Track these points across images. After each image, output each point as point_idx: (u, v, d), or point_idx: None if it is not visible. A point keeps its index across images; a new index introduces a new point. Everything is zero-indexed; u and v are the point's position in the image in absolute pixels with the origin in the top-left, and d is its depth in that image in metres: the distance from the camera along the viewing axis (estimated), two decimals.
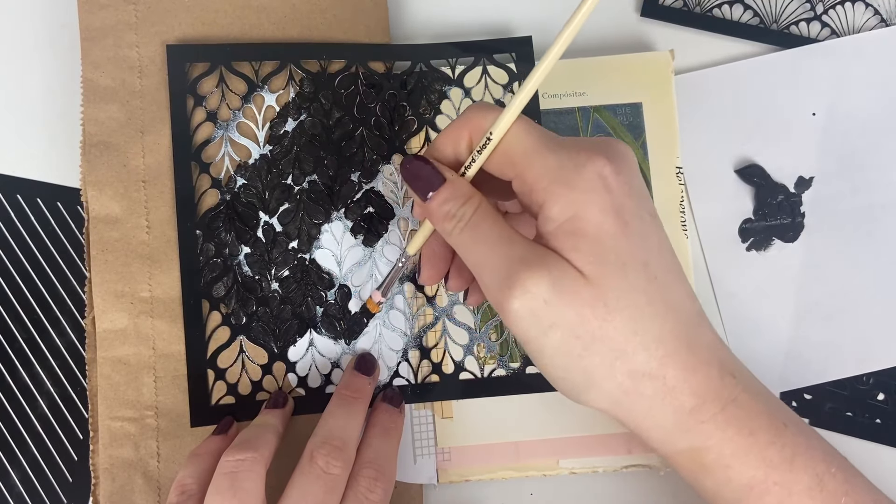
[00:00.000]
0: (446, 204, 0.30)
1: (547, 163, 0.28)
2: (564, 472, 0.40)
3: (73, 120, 0.40)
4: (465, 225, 0.30)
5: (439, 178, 0.31)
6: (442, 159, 0.32)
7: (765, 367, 0.42)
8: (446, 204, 0.30)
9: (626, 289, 0.28)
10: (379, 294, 0.38)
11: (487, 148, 0.30)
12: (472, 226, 0.30)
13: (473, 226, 0.30)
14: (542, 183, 0.28)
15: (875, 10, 0.45)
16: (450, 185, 0.30)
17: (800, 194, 0.43)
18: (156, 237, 0.38)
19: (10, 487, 0.40)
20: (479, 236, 0.30)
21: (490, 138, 0.30)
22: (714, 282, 0.43)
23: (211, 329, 0.38)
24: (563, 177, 0.28)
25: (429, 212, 0.31)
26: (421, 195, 0.31)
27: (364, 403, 0.36)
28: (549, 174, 0.28)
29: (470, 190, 0.31)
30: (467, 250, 0.30)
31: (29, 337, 0.41)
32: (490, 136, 0.30)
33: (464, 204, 0.30)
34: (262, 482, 0.32)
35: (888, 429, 0.41)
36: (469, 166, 0.31)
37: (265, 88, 0.40)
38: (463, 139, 0.31)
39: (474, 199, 0.30)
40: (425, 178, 0.31)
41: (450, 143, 0.31)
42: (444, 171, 0.31)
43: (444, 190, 0.30)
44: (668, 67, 0.42)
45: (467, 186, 0.31)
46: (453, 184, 0.31)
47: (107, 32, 0.39)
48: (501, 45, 0.42)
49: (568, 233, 0.28)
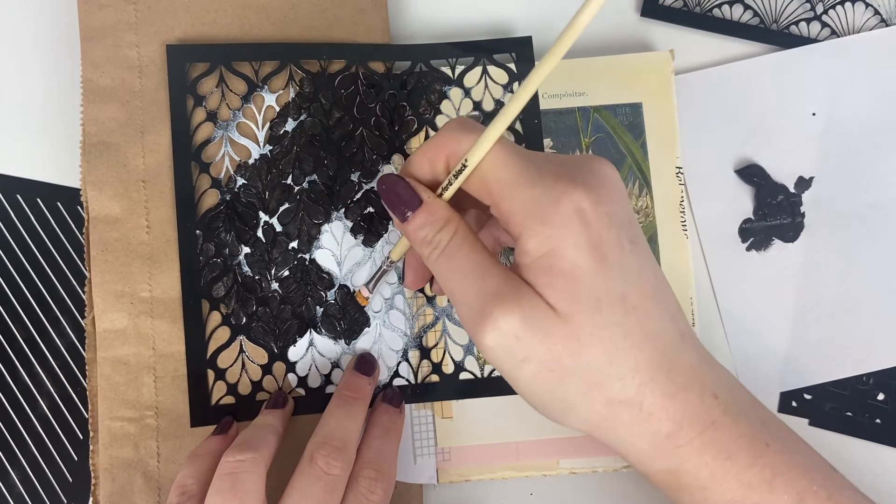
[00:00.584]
0: (423, 229, 0.30)
1: (523, 196, 0.28)
2: (564, 472, 0.40)
3: (73, 120, 0.40)
4: (440, 253, 0.30)
5: (416, 200, 0.30)
6: (419, 177, 0.31)
7: (765, 367, 0.42)
8: (423, 229, 0.30)
9: (600, 325, 0.27)
10: (366, 290, 0.38)
11: (463, 174, 0.29)
12: (447, 254, 0.29)
13: (449, 254, 0.29)
14: (518, 217, 0.28)
15: (875, 10, 0.45)
16: (426, 209, 0.30)
17: (800, 194, 0.43)
18: (156, 237, 0.38)
19: (10, 487, 0.40)
20: (455, 265, 0.29)
21: (465, 165, 0.29)
22: (714, 282, 0.43)
23: (211, 329, 0.38)
24: (539, 212, 0.27)
25: (406, 233, 0.31)
26: (398, 215, 0.31)
27: (364, 403, 0.36)
28: (525, 208, 0.28)
29: (447, 213, 0.30)
30: (443, 278, 0.30)
31: (29, 337, 0.41)
32: (465, 163, 0.29)
33: (440, 230, 0.30)
34: (262, 482, 0.32)
35: (888, 429, 0.41)
36: (446, 188, 0.30)
37: (265, 88, 0.40)
38: (439, 160, 0.30)
39: (451, 224, 0.30)
40: (402, 197, 0.30)
41: (426, 162, 0.31)
42: (422, 193, 0.30)
43: (420, 214, 0.30)
44: (668, 67, 0.42)
45: (445, 209, 0.30)
46: (430, 207, 0.30)
47: (107, 32, 0.39)
48: (501, 45, 0.42)
49: (543, 269, 0.28)
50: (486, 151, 0.29)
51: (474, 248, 0.29)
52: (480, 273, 0.29)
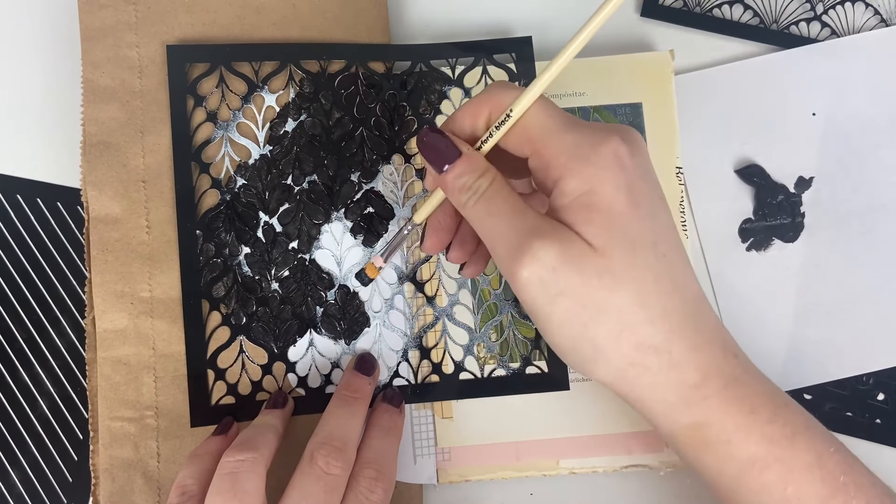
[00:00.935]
0: (462, 177, 0.31)
1: (565, 140, 0.29)
2: (564, 472, 0.40)
3: (73, 120, 0.40)
4: (479, 197, 0.31)
5: (456, 152, 0.31)
6: (458, 133, 0.32)
7: (765, 367, 0.41)
8: (462, 177, 0.31)
9: (633, 264, 0.28)
10: (381, 259, 0.37)
11: (506, 124, 0.31)
12: (486, 199, 0.30)
13: (488, 199, 0.30)
14: (560, 159, 0.29)
15: (875, 10, 0.45)
16: (466, 159, 0.31)
17: (800, 194, 0.43)
18: (156, 237, 0.38)
19: (10, 487, 0.40)
20: (493, 209, 0.30)
21: (510, 115, 0.30)
22: (714, 282, 0.43)
23: (211, 329, 0.38)
24: (580, 153, 0.29)
25: (444, 184, 0.32)
26: (436, 167, 0.32)
27: (364, 403, 0.36)
28: (566, 151, 0.29)
29: (485, 164, 0.31)
30: (481, 222, 0.31)
31: (29, 337, 0.41)
32: (510, 113, 0.30)
33: (479, 177, 0.31)
34: (262, 482, 0.32)
35: (888, 429, 0.41)
36: (486, 141, 0.32)
37: (265, 89, 0.40)
38: (482, 115, 0.32)
39: (489, 173, 0.31)
40: (442, 150, 0.31)
41: (469, 117, 0.32)
42: (461, 145, 0.32)
43: (460, 163, 0.31)
44: (668, 67, 0.42)
45: (483, 161, 0.31)
46: (469, 157, 0.31)
47: (107, 32, 0.39)
48: (501, 45, 0.42)
49: (582, 206, 0.29)
50: (531, 101, 0.30)
51: (511, 193, 0.31)
52: (519, 213, 0.30)
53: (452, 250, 0.35)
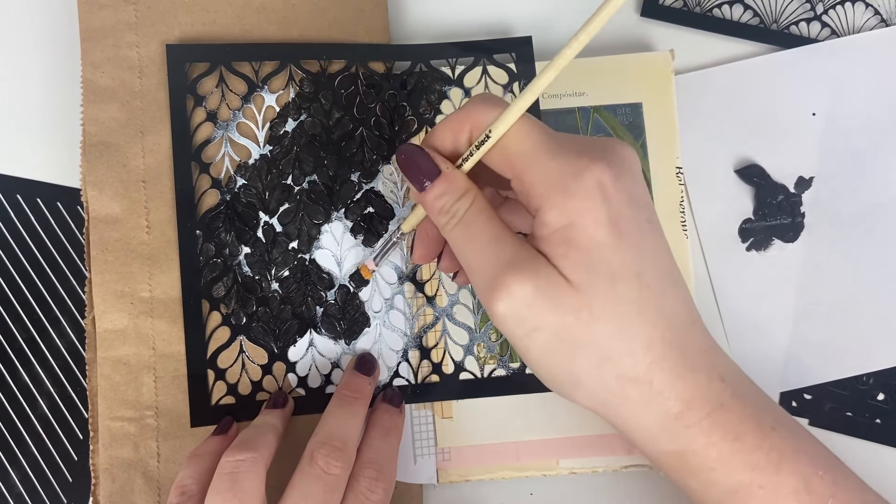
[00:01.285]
0: (441, 198, 0.30)
1: (546, 168, 0.28)
2: (564, 472, 0.40)
3: (73, 120, 0.40)
4: (457, 221, 0.30)
5: (435, 170, 0.30)
6: (440, 148, 0.31)
7: (765, 367, 0.42)
8: (441, 198, 0.30)
9: (613, 299, 0.27)
10: (373, 262, 0.37)
11: (485, 145, 0.30)
12: (464, 223, 0.30)
13: (466, 223, 0.30)
14: (539, 189, 0.28)
15: (875, 10, 0.45)
16: (445, 179, 0.30)
17: (800, 194, 0.43)
18: (156, 237, 0.38)
19: (10, 487, 0.40)
20: (471, 234, 0.30)
21: (489, 136, 0.29)
22: (714, 282, 0.43)
23: (211, 329, 0.38)
24: (561, 184, 0.28)
25: (423, 203, 0.31)
26: (416, 185, 0.31)
27: (364, 403, 0.36)
28: (547, 180, 0.28)
29: (465, 184, 0.30)
30: (458, 247, 0.30)
31: (29, 337, 0.41)
32: (489, 134, 0.29)
33: (458, 199, 0.30)
34: (262, 482, 0.32)
35: (888, 429, 0.41)
36: (467, 159, 0.31)
37: (265, 89, 0.40)
38: (463, 132, 0.31)
39: (469, 194, 0.30)
40: (421, 167, 0.31)
41: (449, 133, 0.31)
42: (441, 163, 0.31)
43: (439, 183, 0.30)
44: (668, 67, 0.42)
45: (463, 180, 0.30)
46: (449, 177, 0.30)
47: (107, 32, 0.39)
48: (501, 45, 0.42)
49: (561, 240, 0.28)
50: (511, 124, 0.29)
51: (490, 218, 0.30)
52: (496, 242, 0.29)
53: (443, 260, 0.35)
